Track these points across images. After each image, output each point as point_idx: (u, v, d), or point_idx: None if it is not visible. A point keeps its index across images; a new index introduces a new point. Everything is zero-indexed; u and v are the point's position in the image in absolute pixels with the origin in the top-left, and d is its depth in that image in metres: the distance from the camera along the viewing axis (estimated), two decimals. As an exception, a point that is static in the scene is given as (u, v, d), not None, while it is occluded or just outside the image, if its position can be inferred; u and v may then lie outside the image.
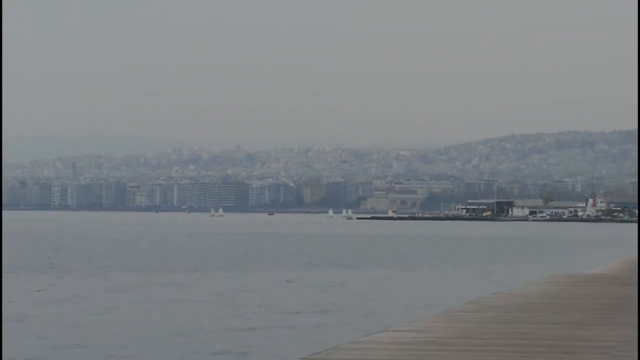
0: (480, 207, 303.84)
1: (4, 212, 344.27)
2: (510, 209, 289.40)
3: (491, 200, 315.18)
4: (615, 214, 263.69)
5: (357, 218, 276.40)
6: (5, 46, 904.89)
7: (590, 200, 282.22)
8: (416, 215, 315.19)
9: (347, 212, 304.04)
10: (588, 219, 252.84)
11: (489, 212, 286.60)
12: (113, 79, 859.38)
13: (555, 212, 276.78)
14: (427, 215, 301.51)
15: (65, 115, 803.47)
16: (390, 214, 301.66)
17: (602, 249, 73.05)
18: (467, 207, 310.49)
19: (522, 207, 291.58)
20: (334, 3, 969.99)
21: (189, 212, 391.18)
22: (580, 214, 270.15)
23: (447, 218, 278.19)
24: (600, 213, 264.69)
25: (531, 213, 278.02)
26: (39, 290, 37.00)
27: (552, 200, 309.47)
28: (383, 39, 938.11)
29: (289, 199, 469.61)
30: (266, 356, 21.44)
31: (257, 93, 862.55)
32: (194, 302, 33.82)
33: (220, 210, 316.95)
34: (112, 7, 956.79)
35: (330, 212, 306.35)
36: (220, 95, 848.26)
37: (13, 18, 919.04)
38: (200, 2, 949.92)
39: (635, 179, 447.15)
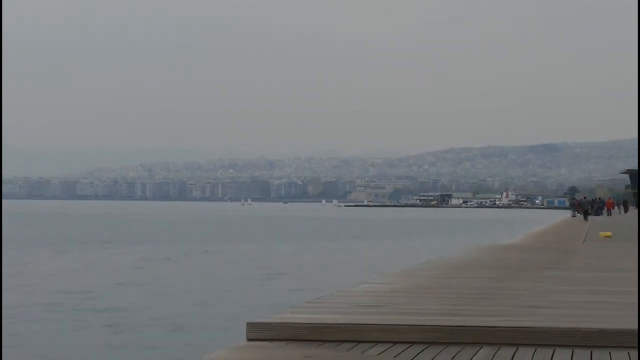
0: (429, 198, 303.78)
1: (103, 202, 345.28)
2: (449, 199, 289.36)
3: (436, 193, 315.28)
4: (521, 202, 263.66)
5: (344, 205, 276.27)
6: (90, 75, 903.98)
7: (504, 193, 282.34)
8: (385, 204, 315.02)
9: (336, 202, 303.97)
10: (503, 206, 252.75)
11: (435, 201, 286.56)
12: (177, 104, 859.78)
13: (480, 202, 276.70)
14: (392, 204, 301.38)
15: (144, 133, 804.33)
16: (367, 203, 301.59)
17: (512, 227, 72.93)
18: (420, 198, 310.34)
19: (458, 198, 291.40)
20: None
21: (230, 202, 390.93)
22: (497, 202, 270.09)
23: (406, 205, 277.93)
24: (511, 202, 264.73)
25: (464, 202, 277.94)
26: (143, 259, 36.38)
27: (478, 193, 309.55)
28: (367, 73, 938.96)
29: (297, 192, 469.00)
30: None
31: (275, 119, 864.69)
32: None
33: (249, 200, 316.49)
34: (162, 33, 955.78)
35: (323, 201, 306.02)
36: (249, 120, 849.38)
37: (83, 46, 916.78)
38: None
39: (535, 179, 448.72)
